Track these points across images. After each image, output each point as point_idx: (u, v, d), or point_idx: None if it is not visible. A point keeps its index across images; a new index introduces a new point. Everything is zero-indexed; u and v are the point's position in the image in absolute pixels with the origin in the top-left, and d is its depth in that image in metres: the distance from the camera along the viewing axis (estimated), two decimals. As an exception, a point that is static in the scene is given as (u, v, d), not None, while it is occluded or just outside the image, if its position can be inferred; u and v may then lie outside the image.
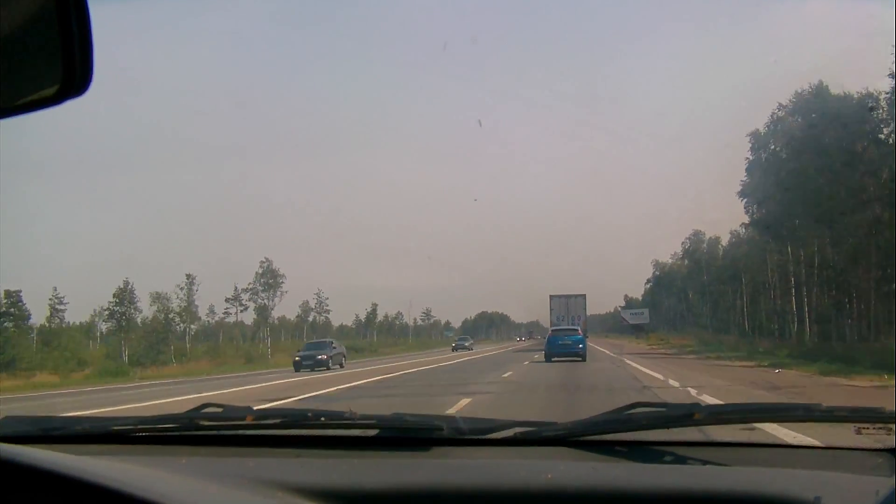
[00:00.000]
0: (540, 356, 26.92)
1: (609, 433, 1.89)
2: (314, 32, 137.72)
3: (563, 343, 27.16)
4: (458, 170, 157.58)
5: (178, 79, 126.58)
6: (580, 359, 24.96)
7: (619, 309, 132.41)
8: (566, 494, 1.47)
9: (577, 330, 30.04)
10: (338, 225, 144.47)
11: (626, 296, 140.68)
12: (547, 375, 17.18)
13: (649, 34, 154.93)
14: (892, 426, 1.78)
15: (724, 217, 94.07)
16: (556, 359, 25.48)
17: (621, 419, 1.92)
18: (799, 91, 36.35)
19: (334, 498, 1.41)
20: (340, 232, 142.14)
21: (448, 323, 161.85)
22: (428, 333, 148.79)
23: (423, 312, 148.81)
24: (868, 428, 1.84)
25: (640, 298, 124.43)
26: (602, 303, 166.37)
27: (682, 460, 1.75)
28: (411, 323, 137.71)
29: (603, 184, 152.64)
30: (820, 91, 33.77)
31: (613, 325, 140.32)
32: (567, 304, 49.83)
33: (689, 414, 1.88)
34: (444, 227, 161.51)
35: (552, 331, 30.56)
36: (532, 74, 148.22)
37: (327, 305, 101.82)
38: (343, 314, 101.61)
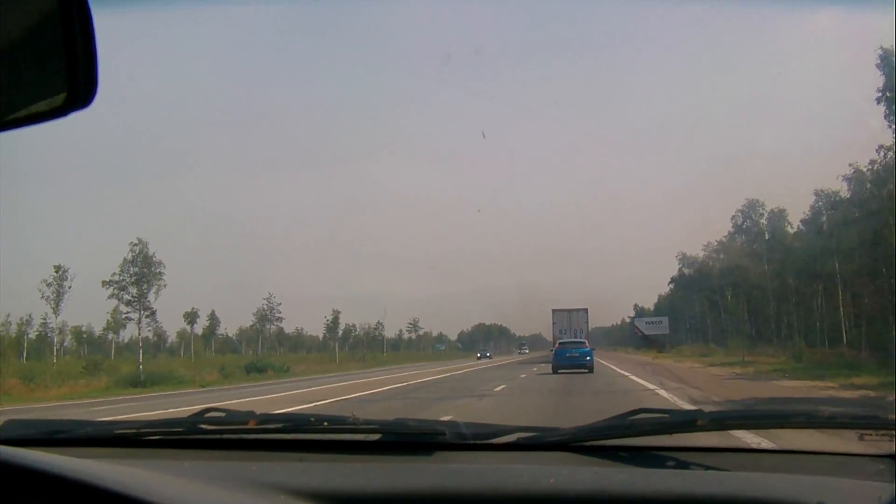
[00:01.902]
0: (515, 380, 23.84)
1: (612, 439, 1.98)
2: (317, 43, 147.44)
3: (570, 356, 28.40)
4: (460, 180, 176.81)
5: (183, 90, 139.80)
6: (587, 370, 26.93)
7: (629, 319, 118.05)
8: (569, 499, 1.55)
9: (584, 343, 31.25)
10: (337, 235, 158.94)
11: (636, 305, 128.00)
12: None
13: (653, 45, 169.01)
14: (894, 432, 1.89)
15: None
16: (562, 370, 27.14)
17: (624, 425, 2.00)
18: None
19: (336, 502, 1.51)
20: (339, 242, 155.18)
21: (442, 335, 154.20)
22: (416, 346, 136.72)
23: (410, 323, 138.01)
24: (870, 434, 1.92)
25: (652, 308, 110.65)
26: (607, 314, 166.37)
27: (685, 466, 1.84)
28: (393, 335, 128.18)
29: (608, 195, 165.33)
30: None
31: (621, 337, 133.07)
32: (569, 318, 51.17)
33: (691, 420, 1.98)
34: (445, 237, 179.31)
35: (559, 343, 31.80)
36: (535, 85, 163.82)
37: (279, 312, 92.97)
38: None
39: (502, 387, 20.37)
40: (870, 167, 37.89)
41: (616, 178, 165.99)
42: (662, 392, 16.64)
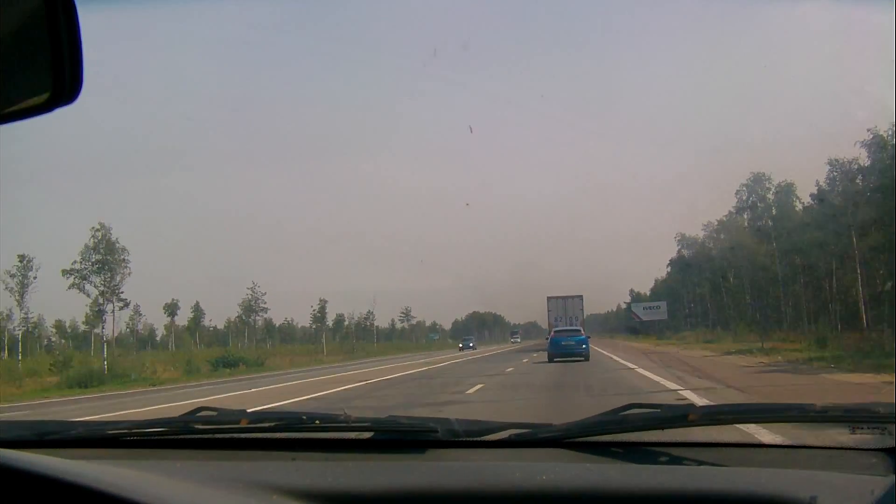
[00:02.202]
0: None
1: (604, 434, 2.00)
2: (302, 38, 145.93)
3: (566, 343, 28.54)
4: (451, 173, 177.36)
5: (169, 85, 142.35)
6: (583, 358, 27.29)
7: (626, 304, 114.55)
8: (561, 496, 1.56)
9: (579, 330, 31.21)
10: (330, 228, 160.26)
11: (631, 290, 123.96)
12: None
13: (642, 38, 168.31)
14: (887, 426, 1.90)
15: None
16: (558, 359, 27.50)
17: (616, 420, 2.03)
18: None
19: (329, 500, 1.52)
20: (332, 235, 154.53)
21: (435, 325, 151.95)
22: (409, 336, 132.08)
23: (402, 312, 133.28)
24: (863, 428, 1.94)
25: (648, 293, 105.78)
26: (602, 301, 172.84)
27: (677, 461, 1.85)
28: (387, 324, 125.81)
29: (599, 183, 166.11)
30: None
31: (617, 324, 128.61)
32: (564, 306, 50.61)
33: (683, 415, 1.97)
34: (438, 230, 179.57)
35: (555, 331, 31.80)
36: (523, 79, 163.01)
37: (264, 302, 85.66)
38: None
39: (479, 387, 17.10)
40: (890, 132, 34.05)
41: (608, 166, 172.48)
42: (690, 395, 12.30)
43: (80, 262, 46.43)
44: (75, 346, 75.58)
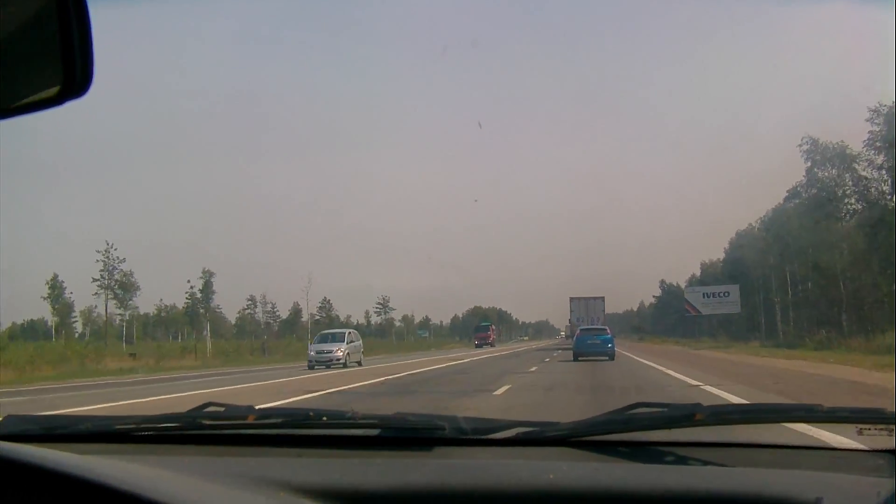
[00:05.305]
0: None
1: (611, 433, 2.08)
2: (315, 34, 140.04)
3: (591, 342, 29.15)
4: (460, 170, 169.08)
5: (177, 79, 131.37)
6: (608, 357, 28.09)
7: (654, 299, 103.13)
8: (568, 495, 1.63)
9: (605, 330, 32.36)
10: (338, 225, 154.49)
11: (662, 281, 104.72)
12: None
13: (653, 36, 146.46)
14: (894, 427, 1.96)
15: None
16: (582, 358, 28.08)
17: (623, 419, 2.10)
18: None
19: (336, 498, 1.59)
20: (340, 232, 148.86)
21: (427, 320, 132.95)
22: (385, 333, 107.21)
23: (378, 303, 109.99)
24: (870, 429, 1.98)
25: (685, 284, 77.17)
26: (618, 301, 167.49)
27: (683, 461, 1.91)
28: (362, 319, 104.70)
29: (609, 180, 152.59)
30: None
31: (640, 323, 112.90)
32: (587, 306, 50.96)
33: (690, 414, 2.03)
34: (446, 227, 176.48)
35: (581, 330, 32.73)
36: (532, 76, 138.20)
37: (130, 277, 66.42)
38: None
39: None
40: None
41: (619, 161, 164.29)
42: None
43: None
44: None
